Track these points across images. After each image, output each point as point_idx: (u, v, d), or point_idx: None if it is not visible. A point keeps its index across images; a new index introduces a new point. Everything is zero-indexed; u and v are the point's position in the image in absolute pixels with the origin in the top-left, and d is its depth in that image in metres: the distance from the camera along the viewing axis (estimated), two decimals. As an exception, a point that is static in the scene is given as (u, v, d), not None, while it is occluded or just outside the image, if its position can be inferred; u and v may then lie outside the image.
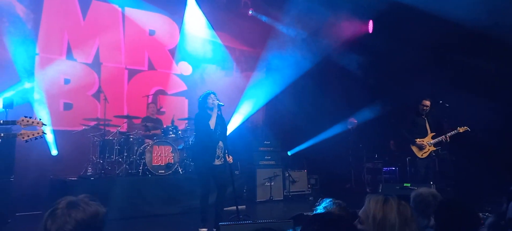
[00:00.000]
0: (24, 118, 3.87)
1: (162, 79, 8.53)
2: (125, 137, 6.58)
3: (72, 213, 1.60)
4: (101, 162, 6.24)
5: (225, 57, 9.30)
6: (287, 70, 8.74)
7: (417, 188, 2.96)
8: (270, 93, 8.95)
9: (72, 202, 1.63)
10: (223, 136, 4.91)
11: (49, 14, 7.10)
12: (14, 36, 6.60)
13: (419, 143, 5.96)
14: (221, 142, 4.88)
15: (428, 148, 5.97)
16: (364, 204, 2.10)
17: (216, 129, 4.78)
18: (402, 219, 1.83)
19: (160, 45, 8.56)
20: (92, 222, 1.63)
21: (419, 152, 5.99)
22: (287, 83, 8.74)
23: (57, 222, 1.59)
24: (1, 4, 6.54)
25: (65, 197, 1.66)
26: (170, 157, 6.61)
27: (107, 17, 7.83)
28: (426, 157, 6.00)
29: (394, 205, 1.87)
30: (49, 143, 6.61)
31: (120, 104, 7.73)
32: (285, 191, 7.70)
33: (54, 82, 7.02)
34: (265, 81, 9.12)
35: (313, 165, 8.39)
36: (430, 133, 6.06)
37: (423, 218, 2.65)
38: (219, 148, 4.87)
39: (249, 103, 8.95)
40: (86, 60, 7.53)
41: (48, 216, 1.61)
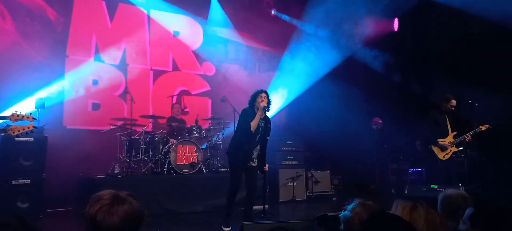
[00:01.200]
0: (15, 113, 3.88)
1: (186, 80, 8.66)
2: (151, 136, 6.72)
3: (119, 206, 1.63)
4: (128, 160, 6.41)
5: (247, 57, 9.34)
6: (310, 70, 8.69)
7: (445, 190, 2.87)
8: (293, 93, 8.92)
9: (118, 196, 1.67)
10: (263, 141, 4.73)
11: (78, 18, 7.34)
12: (45, 39, 6.87)
13: (441, 144, 5.72)
14: (259, 145, 4.73)
15: (450, 149, 5.71)
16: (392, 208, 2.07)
17: (256, 132, 4.61)
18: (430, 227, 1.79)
19: (184, 46, 8.68)
20: (135, 218, 1.68)
21: (441, 153, 5.71)
22: (310, 83, 8.68)
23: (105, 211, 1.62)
24: (33, 9, 6.82)
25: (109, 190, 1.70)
26: (194, 156, 6.71)
27: (133, 19, 8.02)
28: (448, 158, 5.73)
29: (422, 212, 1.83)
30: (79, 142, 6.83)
31: (145, 105, 7.90)
32: (307, 191, 7.65)
33: (83, 83, 7.25)
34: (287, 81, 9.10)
35: (336, 165, 8.30)
36: (451, 133, 5.80)
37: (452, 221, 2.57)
38: (256, 150, 4.74)
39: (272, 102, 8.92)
40: (113, 61, 7.74)
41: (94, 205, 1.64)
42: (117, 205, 1.64)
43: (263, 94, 4.69)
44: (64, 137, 6.54)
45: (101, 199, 1.65)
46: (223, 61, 9.05)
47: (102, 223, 1.60)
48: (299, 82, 8.83)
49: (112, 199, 1.65)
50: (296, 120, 8.79)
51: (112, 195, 1.68)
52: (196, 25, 8.82)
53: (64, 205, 6.05)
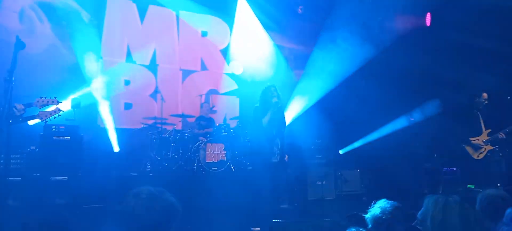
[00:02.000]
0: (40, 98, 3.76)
1: (214, 79, 8.76)
2: (180, 134, 6.86)
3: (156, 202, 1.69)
4: (159, 158, 6.56)
5: (275, 56, 9.33)
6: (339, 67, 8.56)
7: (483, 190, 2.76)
8: (321, 91, 8.82)
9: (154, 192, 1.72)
10: (280, 134, 4.78)
11: (111, 20, 7.60)
12: (80, 42, 7.15)
13: (474, 143, 5.45)
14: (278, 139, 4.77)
15: (485, 148, 5.43)
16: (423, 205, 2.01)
17: (271, 126, 4.66)
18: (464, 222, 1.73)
19: (212, 46, 8.78)
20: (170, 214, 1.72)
21: (475, 153, 5.45)
22: (338, 80, 8.55)
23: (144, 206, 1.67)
24: (68, 12, 7.11)
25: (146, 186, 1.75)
26: (222, 155, 6.78)
27: (162, 20, 8.20)
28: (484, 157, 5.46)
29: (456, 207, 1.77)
30: (112, 141, 7.06)
31: (175, 104, 8.06)
32: (337, 190, 7.55)
33: (115, 84, 7.49)
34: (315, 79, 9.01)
35: (367, 164, 8.13)
36: (485, 130, 5.52)
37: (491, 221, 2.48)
38: (276, 145, 4.77)
39: (299, 101, 8.89)
40: (144, 62, 7.95)
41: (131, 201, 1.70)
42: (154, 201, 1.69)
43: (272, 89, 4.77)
44: (98, 136, 6.79)
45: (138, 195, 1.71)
46: (250, 60, 9.08)
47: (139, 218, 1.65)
48: (328, 79, 8.71)
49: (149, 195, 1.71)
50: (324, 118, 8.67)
51: (149, 191, 1.73)
52: (224, 25, 8.90)
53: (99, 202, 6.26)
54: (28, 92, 4.53)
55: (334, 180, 7.55)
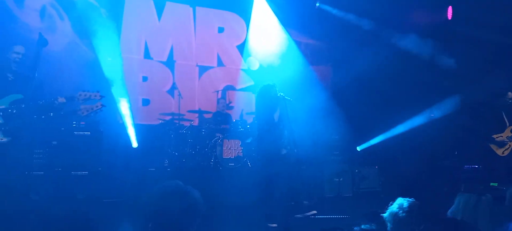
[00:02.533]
0: (82, 92, 3.72)
1: (231, 75, 8.77)
2: (197, 130, 6.90)
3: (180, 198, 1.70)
4: (177, 154, 6.62)
5: (291, 51, 9.27)
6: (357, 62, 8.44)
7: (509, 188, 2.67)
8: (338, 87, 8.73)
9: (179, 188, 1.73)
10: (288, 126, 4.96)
11: (129, 17, 7.69)
12: (99, 39, 7.26)
13: (498, 139, 5.31)
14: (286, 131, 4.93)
15: (510, 144, 5.29)
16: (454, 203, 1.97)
17: (281, 119, 4.83)
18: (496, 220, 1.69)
19: (229, 42, 8.79)
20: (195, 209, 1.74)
21: (499, 150, 5.32)
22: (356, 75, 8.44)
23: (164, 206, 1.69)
24: (88, 9, 7.21)
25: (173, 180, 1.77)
26: (239, 150, 6.80)
27: (179, 17, 8.25)
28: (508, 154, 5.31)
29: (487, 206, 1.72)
30: (130, 136, 7.17)
31: (191, 100, 8.11)
32: (354, 187, 7.48)
33: (133, 80, 7.59)
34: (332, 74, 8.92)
35: (385, 161, 8.01)
36: (509, 126, 5.36)
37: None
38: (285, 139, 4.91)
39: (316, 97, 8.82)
40: (161, 58, 8.02)
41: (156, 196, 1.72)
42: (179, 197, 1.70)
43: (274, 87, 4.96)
44: (117, 132, 6.90)
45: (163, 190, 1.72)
46: (266, 56, 9.06)
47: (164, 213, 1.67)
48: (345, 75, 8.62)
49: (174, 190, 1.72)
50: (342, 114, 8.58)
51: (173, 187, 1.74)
52: (240, 21, 8.89)
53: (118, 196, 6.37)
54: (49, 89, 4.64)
55: (352, 177, 7.48)
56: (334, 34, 8.98)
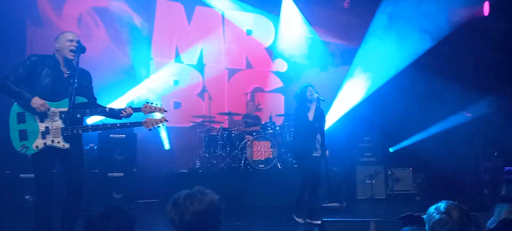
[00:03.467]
0: (147, 104, 3.57)
1: (260, 77, 8.79)
2: (228, 132, 6.95)
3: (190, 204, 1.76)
4: (207, 156, 6.70)
5: (320, 52, 9.19)
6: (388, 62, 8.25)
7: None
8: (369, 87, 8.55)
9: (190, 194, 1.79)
10: (321, 129, 5.01)
11: (160, 22, 7.87)
12: (132, 44, 7.48)
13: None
14: (319, 134, 4.98)
15: None
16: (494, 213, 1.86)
17: (315, 121, 4.88)
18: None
19: (257, 44, 8.82)
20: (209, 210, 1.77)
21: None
22: (388, 76, 8.24)
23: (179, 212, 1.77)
24: (121, 16, 7.45)
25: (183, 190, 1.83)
26: (269, 152, 6.79)
27: (209, 20, 8.35)
28: None
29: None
30: (163, 139, 7.33)
31: (221, 102, 8.18)
32: (388, 189, 7.30)
33: (165, 84, 7.75)
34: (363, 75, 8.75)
35: (420, 163, 7.77)
36: None
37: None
38: (317, 140, 4.98)
39: (347, 98, 8.69)
40: (191, 62, 8.16)
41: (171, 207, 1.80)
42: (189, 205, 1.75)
43: (310, 88, 5.00)
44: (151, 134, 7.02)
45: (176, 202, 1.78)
46: (295, 57, 9.03)
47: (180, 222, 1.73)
48: (377, 75, 8.43)
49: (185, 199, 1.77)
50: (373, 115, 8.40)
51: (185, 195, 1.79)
52: (268, 23, 8.90)
53: (152, 197, 6.53)
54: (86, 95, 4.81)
55: (385, 178, 7.31)
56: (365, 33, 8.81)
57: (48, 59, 3.30)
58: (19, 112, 3.17)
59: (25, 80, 3.21)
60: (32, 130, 3.17)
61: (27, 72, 3.21)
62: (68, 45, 3.25)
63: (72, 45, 3.26)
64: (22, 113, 3.17)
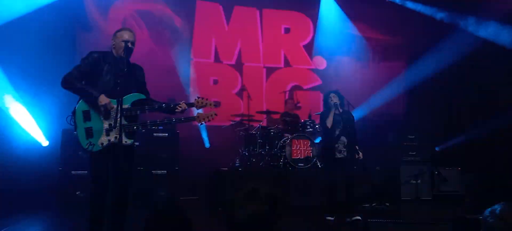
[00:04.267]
0: (198, 98, 3.58)
1: (298, 75, 8.73)
2: (266, 131, 6.96)
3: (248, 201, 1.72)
4: (247, 154, 6.74)
5: (360, 48, 8.97)
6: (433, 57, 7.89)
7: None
8: (413, 84, 8.23)
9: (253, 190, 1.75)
10: (347, 132, 5.19)
11: (200, 23, 8.03)
12: (173, 45, 7.69)
13: None
14: (344, 137, 5.18)
15: None
16: None
17: (335, 126, 5.19)
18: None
19: (295, 42, 8.77)
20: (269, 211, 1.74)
21: None
22: (433, 71, 7.88)
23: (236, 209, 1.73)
24: (163, 18, 7.69)
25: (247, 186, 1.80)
26: (308, 151, 6.72)
27: (247, 20, 8.42)
28: None
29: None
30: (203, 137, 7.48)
31: (259, 101, 8.21)
32: (434, 190, 6.99)
33: (205, 84, 7.90)
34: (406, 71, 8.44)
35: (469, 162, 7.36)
36: None
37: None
38: (342, 142, 5.17)
39: (388, 95, 8.43)
40: (230, 61, 8.25)
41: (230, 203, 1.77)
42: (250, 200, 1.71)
43: (332, 95, 5.28)
44: (192, 133, 7.23)
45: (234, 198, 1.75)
46: (334, 54, 8.88)
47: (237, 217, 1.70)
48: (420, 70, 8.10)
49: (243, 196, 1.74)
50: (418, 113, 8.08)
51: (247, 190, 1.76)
52: (306, 20, 8.82)
53: (193, 194, 6.68)
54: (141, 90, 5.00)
55: (431, 179, 7.00)
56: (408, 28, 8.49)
57: (107, 56, 3.37)
58: (84, 110, 3.25)
59: (87, 76, 3.29)
60: (97, 127, 3.24)
61: (90, 68, 3.28)
62: (122, 46, 3.31)
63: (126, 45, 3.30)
64: (87, 111, 3.24)
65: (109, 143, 3.23)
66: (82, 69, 3.28)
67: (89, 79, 3.30)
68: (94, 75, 3.30)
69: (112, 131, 3.25)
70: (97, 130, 3.24)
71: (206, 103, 3.57)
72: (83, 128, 3.23)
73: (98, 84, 3.28)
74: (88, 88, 3.24)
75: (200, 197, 6.64)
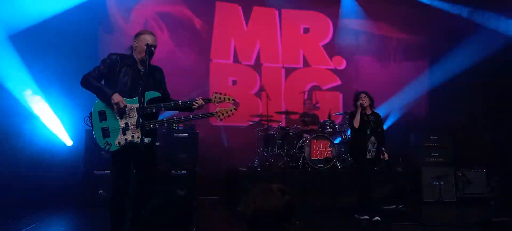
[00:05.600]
0: (216, 93, 3.54)
1: (317, 75, 8.67)
2: (285, 131, 6.93)
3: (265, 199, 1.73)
4: (265, 154, 6.74)
5: (381, 48, 8.84)
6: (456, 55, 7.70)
7: None
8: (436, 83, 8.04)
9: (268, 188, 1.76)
10: (376, 132, 5.24)
11: (219, 24, 8.08)
12: (193, 46, 7.76)
13: None
14: (373, 137, 5.21)
15: None
16: None
17: (362, 126, 5.20)
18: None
19: (314, 42, 8.71)
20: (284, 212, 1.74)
21: None
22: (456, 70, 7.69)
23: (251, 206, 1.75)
24: (183, 20, 7.77)
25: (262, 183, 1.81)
26: (328, 151, 6.66)
27: (266, 20, 8.42)
28: None
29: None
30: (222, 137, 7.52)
31: (278, 101, 8.19)
32: (458, 192, 6.80)
33: (224, 84, 7.94)
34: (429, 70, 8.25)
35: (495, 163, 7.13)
36: None
37: None
38: (371, 142, 5.20)
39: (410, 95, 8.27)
40: (249, 62, 8.27)
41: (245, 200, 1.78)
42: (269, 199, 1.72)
43: (362, 95, 5.30)
44: (211, 133, 7.28)
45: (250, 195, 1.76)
46: (354, 54, 8.78)
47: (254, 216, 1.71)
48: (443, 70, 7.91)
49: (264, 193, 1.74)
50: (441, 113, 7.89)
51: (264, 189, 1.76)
52: (326, 20, 8.75)
53: (212, 194, 6.72)
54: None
55: (454, 180, 6.82)
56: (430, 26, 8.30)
57: (126, 58, 3.43)
58: (100, 111, 3.30)
59: (106, 77, 3.36)
60: (113, 127, 3.28)
61: (108, 70, 3.34)
62: (144, 49, 3.34)
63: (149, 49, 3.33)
64: (103, 112, 3.29)
65: (126, 142, 3.27)
66: (101, 70, 3.34)
67: (107, 80, 3.37)
68: (112, 76, 3.35)
69: (129, 129, 3.28)
70: (113, 129, 3.27)
71: (224, 98, 3.51)
72: (99, 128, 3.28)
73: (116, 85, 3.32)
74: (103, 87, 3.29)
75: (219, 197, 6.67)
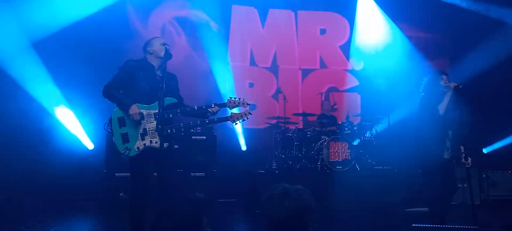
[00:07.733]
0: (231, 98, 3.58)
1: (334, 76, 8.60)
2: (303, 133, 6.90)
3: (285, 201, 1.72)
4: (283, 157, 6.72)
5: (399, 47, 8.68)
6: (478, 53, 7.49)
7: None
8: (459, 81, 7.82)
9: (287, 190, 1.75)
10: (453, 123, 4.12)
11: (236, 27, 8.13)
12: (210, 49, 7.83)
13: None
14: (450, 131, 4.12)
15: None
16: None
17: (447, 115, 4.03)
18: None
19: (331, 43, 8.64)
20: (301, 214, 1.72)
21: None
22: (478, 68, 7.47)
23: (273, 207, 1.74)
24: (200, 23, 7.85)
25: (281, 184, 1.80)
26: (346, 153, 6.59)
27: (282, 22, 8.41)
28: None
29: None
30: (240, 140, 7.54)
31: (295, 103, 8.16)
32: (482, 194, 6.61)
33: (241, 87, 7.96)
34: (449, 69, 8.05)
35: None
36: None
37: None
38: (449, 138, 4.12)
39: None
40: (265, 64, 8.28)
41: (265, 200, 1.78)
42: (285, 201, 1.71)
43: (444, 76, 4.16)
44: (228, 136, 7.31)
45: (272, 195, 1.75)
46: (372, 54, 8.65)
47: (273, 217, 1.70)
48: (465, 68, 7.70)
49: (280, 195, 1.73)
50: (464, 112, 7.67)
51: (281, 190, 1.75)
52: (343, 20, 8.68)
53: (231, 196, 6.73)
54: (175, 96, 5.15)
55: (479, 182, 6.63)
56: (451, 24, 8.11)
57: (143, 63, 3.52)
58: (119, 117, 3.40)
59: (124, 84, 3.44)
60: (132, 132, 3.38)
61: (126, 77, 3.44)
62: (162, 48, 3.45)
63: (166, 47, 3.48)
64: (122, 118, 3.39)
65: (144, 147, 3.34)
66: (119, 77, 3.44)
67: (126, 87, 3.45)
68: (130, 82, 3.43)
69: (147, 135, 3.36)
70: (133, 134, 3.37)
71: (238, 102, 3.57)
72: (119, 134, 3.37)
73: (134, 90, 3.40)
74: (123, 98, 3.38)
75: (237, 199, 6.68)
